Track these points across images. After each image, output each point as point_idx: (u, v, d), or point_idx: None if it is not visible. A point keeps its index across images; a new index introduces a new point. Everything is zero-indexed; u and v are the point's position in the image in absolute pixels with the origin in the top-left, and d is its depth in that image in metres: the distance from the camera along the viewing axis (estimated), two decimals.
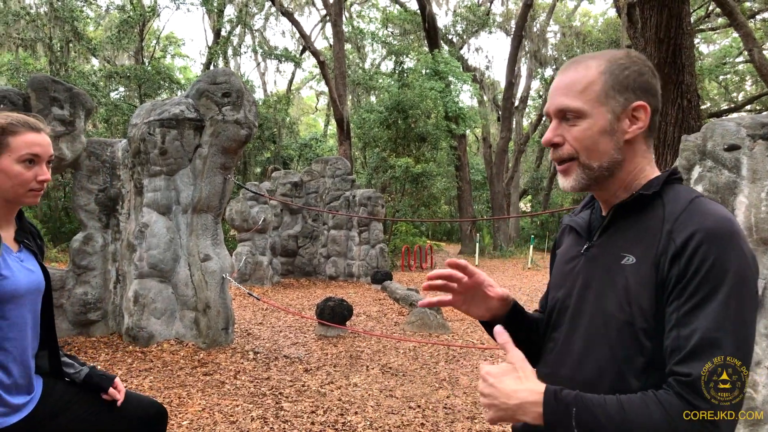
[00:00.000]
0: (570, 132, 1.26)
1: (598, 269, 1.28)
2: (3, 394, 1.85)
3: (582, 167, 1.26)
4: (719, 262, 1.10)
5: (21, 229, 2.00)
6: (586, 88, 1.25)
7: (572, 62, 1.31)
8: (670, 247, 1.15)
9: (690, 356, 1.09)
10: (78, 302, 6.87)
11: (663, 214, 1.21)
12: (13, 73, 18.35)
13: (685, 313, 1.11)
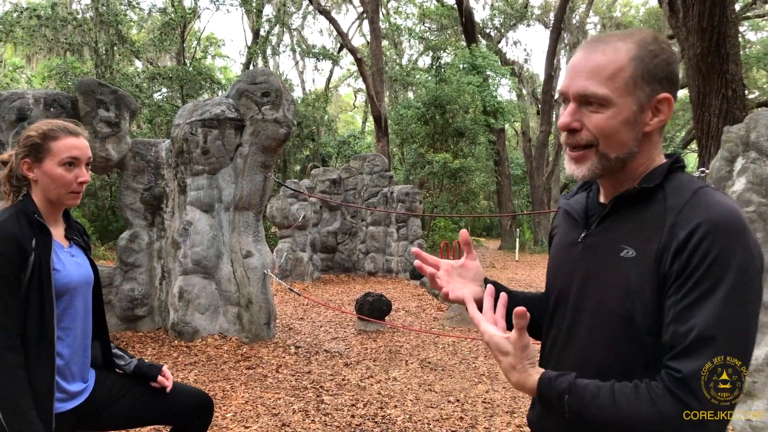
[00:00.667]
0: (591, 119, 1.19)
1: (597, 261, 1.25)
2: (60, 381, 1.96)
3: (599, 156, 1.20)
4: (722, 256, 1.06)
5: (69, 227, 2.13)
6: (614, 75, 1.17)
7: (598, 41, 1.22)
8: (672, 241, 1.11)
9: (684, 353, 1.07)
10: (125, 298, 7.09)
11: (665, 206, 1.17)
12: (61, 76, 18.93)
13: (684, 308, 1.08)
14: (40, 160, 1.96)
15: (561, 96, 1.25)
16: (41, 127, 1.99)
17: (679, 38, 8.56)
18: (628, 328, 1.18)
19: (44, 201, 2.00)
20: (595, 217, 1.30)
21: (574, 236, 1.34)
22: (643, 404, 1.08)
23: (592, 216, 1.31)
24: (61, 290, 1.95)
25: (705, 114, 7.70)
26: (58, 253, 1.98)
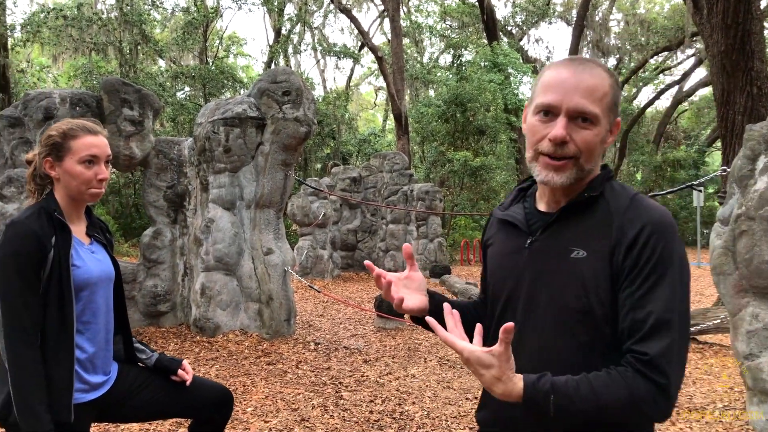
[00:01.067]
0: (580, 134, 1.31)
1: (547, 263, 1.35)
2: (81, 372, 2.03)
3: (577, 167, 1.33)
4: (666, 250, 1.24)
5: (91, 225, 2.19)
6: (602, 97, 1.31)
7: (581, 63, 1.34)
8: (623, 239, 1.26)
9: (647, 337, 1.20)
10: (148, 294, 7.21)
11: (609, 210, 1.32)
12: (86, 76, 19.23)
13: (639, 297, 1.23)
14: (61, 158, 2.03)
15: (544, 108, 1.33)
16: (61, 127, 2.06)
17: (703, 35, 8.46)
18: (586, 320, 1.29)
19: (66, 198, 2.07)
20: (538, 225, 1.41)
21: (518, 243, 1.44)
22: (620, 389, 1.18)
23: (534, 224, 1.42)
24: (80, 286, 2.01)
25: (729, 112, 7.61)
26: (78, 250, 2.04)
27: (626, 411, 1.20)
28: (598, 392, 1.19)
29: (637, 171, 31.26)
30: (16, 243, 1.90)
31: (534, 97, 1.38)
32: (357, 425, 4.29)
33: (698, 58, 26.76)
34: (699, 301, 10.30)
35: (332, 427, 4.26)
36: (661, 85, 31.29)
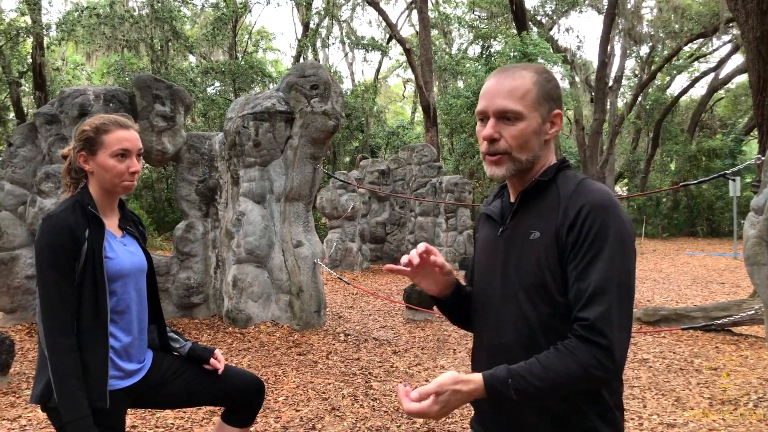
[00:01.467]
0: (508, 130, 1.49)
1: (512, 247, 1.53)
2: (116, 360, 2.10)
3: (512, 160, 1.50)
4: (603, 226, 1.38)
5: (124, 218, 2.25)
6: (524, 95, 1.48)
7: (505, 71, 1.52)
8: (566, 220, 1.42)
9: (587, 304, 1.36)
10: (182, 286, 7.35)
11: (558, 194, 1.48)
12: (119, 72, 19.58)
13: (581, 269, 1.39)
14: (94, 152, 2.10)
15: (479, 115, 1.54)
16: (94, 122, 2.13)
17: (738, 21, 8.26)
18: (544, 293, 1.46)
19: (100, 191, 2.13)
20: (508, 214, 1.59)
21: (494, 233, 1.62)
22: (567, 361, 1.34)
23: (506, 214, 1.61)
24: (113, 277, 2.08)
25: (765, 99, 7.44)
26: (110, 243, 2.11)
27: (577, 379, 1.34)
28: (548, 368, 1.33)
29: (671, 161, 30.67)
30: (51, 235, 1.97)
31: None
32: (386, 414, 4.33)
33: (735, 44, 26.10)
34: (735, 293, 10.13)
35: (362, 416, 4.31)
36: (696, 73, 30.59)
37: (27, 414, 4.32)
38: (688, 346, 6.36)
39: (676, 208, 27.03)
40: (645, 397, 4.72)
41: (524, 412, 1.47)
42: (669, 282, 11.76)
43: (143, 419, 4.22)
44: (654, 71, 27.36)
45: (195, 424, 4.15)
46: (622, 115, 28.64)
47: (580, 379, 1.33)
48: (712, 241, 23.07)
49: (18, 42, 19.23)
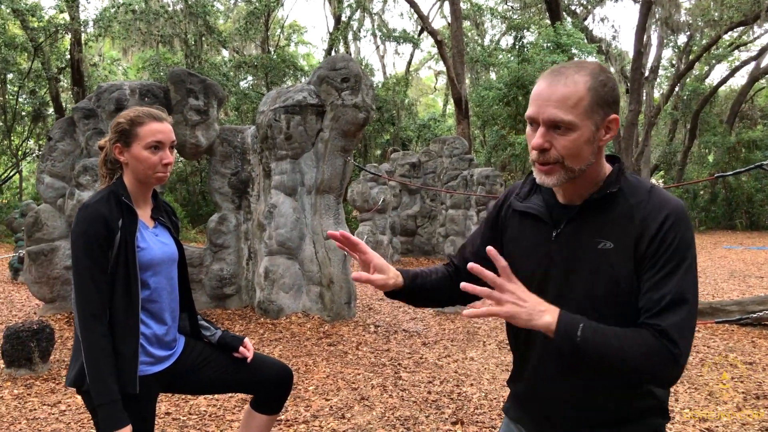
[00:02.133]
0: (559, 141, 1.41)
1: (575, 254, 1.46)
2: (147, 346, 2.16)
3: (565, 170, 1.43)
4: (684, 239, 1.37)
5: (156, 208, 2.31)
6: (576, 104, 1.39)
7: (557, 74, 1.43)
8: (646, 231, 1.38)
9: (661, 312, 1.33)
10: (215, 278, 7.48)
11: (629, 204, 1.43)
12: (154, 67, 19.91)
13: (659, 279, 1.35)
14: (128, 144, 2.16)
15: (529, 119, 1.46)
16: (129, 114, 2.19)
17: None
18: (613, 304, 1.42)
19: (134, 182, 2.20)
20: (561, 217, 1.52)
21: (544, 235, 1.55)
22: (639, 342, 1.32)
23: (557, 216, 1.53)
24: (145, 267, 2.14)
25: None
26: (142, 233, 2.17)
27: (641, 362, 1.31)
28: (621, 338, 1.32)
29: (709, 153, 30.02)
30: (86, 225, 2.04)
31: None
32: (415, 405, 4.36)
33: None
34: None
35: (391, 406, 4.35)
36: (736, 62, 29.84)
37: (66, 399, 4.46)
38: (723, 340, 6.25)
39: (714, 200, 26.45)
40: (677, 391, 4.66)
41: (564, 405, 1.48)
42: (706, 276, 11.54)
43: (177, 406, 4.32)
44: (692, 61, 26.76)
45: (227, 411, 4.24)
46: (659, 106, 28.10)
47: (642, 364, 1.32)
48: (751, 235, 22.54)
49: (57, 39, 19.69)
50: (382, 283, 1.65)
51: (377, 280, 1.64)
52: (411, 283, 1.72)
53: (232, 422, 4.04)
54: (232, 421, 4.07)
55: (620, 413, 1.46)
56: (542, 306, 1.37)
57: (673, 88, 27.85)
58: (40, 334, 5.07)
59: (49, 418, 4.12)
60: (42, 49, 18.72)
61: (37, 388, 4.71)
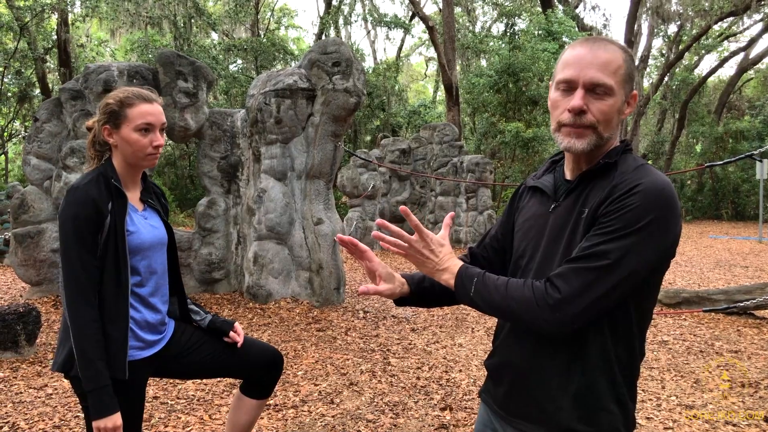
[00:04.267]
0: (596, 104, 1.41)
1: (561, 226, 1.48)
2: (137, 331, 2.14)
3: (596, 135, 1.43)
4: (645, 210, 1.30)
5: (145, 190, 2.27)
6: (617, 70, 1.42)
7: (596, 41, 1.45)
8: (611, 195, 1.36)
9: (568, 261, 1.36)
10: (203, 262, 7.44)
11: (614, 174, 1.43)
12: (142, 49, 19.68)
13: (593, 235, 1.35)
14: (118, 126, 2.10)
15: (564, 84, 1.45)
16: (118, 95, 2.13)
17: None
18: None
19: (123, 164, 2.15)
20: (563, 191, 1.55)
21: (545, 208, 1.58)
22: (525, 291, 1.38)
23: (560, 190, 1.56)
24: (134, 250, 2.10)
25: None
26: (132, 216, 2.13)
27: (519, 307, 1.37)
28: (509, 287, 1.40)
29: (696, 143, 30.18)
30: (75, 207, 1.99)
31: (555, 75, 1.50)
32: (404, 390, 4.37)
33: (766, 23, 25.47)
34: (759, 277, 10.00)
35: (380, 391, 4.35)
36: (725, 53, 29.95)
37: (53, 383, 4.43)
38: (709, 328, 6.31)
39: (700, 190, 26.64)
40: (664, 379, 4.70)
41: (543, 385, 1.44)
42: (692, 265, 11.64)
43: (165, 390, 4.31)
44: (682, 51, 26.80)
45: (216, 396, 4.23)
46: (648, 95, 28.17)
47: (519, 308, 1.37)
48: (736, 225, 22.74)
49: (43, 18, 19.39)
50: (389, 293, 1.66)
51: (384, 290, 1.65)
52: (417, 287, 1.72)
53: (220, 406, 4.04)
54: (221, 405, 4.06)
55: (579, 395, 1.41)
56: (445, 264, 1.48)
57: (662, 77, 27.91)
58: (27, 317, 5.03)
59: (36, 401, 4.09)
60: (28, 28, 18.43)
61: (23, 371, 4.68)
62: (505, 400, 1.55)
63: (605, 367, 1.40)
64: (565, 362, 1.41)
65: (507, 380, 1.54)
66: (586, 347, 1.40)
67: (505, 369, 1.55)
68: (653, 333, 6.14)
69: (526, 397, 1.48)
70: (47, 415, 3.86)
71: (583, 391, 1.40)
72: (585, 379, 1.40)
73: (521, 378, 1.49)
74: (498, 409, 1.57)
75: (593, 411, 1.40)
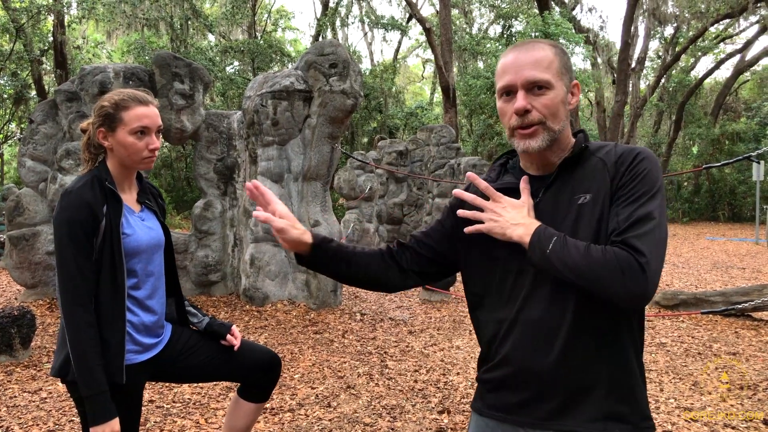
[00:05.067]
0: (539, 101, 1.48)
1: (556, 215, 1.49)
2: (134, 334, 2.11)
3: (547, 130, 1.49)
4: (653, 172, 1.42)
5: (142, 191, 2.24)
6: (550, 65, 1.49)
7: (522, 46, 1.53)
8: (621, 167, 1.45)
9: (629, 228, 1.36)
10: (200, 264, 7.41)
11: (600, 158, 1.50)
12: (139, 51, 19.65)
13: (628, 203, 1.39)
14: (113, 129, 2.07)
15: (504, 90, 1.52)
16: (113, 97, 2.09)
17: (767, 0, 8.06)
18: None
19: (118, 167, 2.12)
20: (537, 187, 1.55)
21: None
22: (609, 256, 1.34)
23: (533, 186, 1.56)
24: (130, 253, 2.07)
25: None
26: (128, 218, 2.10)
27: (606, 271, 1.32)
28: (590, 248, 1.36)
29: (693, 144, 30.22)
30: (70, 211, 1.97)
31: (496, 86, 1.55)
32: (402, 393, 4.35)
33: (762, 25, 25.51)
34: (756, 279, 10.00)
35: (377, 394, 4.33)
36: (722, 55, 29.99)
37: (47, 387, 4.39)
38: (707, 330, 6.30)
39: (697, 192, 26.68)
40: (662, 381, 4.69)
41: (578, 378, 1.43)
42: (689, 267, 11.63)
43: (160, 394, 4.28)
44: (678, 52, 26.84)
45: (212, 399, 4.20)
46: (645, 97, 28.22)
47: (607, 273, 1.32)
48: (733, 226, 22.76)
49: (39, 20, 19.31)
50: (282, 226, 1.62)
51: (277, 222, 1.62)
52: (322, 243, 1.69)
53: (216, 410, 4.01)
54: (217, 409, 4.03)
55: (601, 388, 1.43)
56: (519, 220, 1.45)
57: (659, 79, 27.96)
58: (21, 320, 4.99)
59: (30, 405, 4.06)
60: (24, 30, 18.36)
61: (17, 375, 4.64)
62: (528, 407, 1.49)
63: (634, 348, 1.47)
64: (599, 349, 1.43)
65: (534, 386, 1.47)
66: (618, 330, 1.44)
67: (528, 375, 1.48)
68: (651, 335, 6.13)
69: (563, 397, 1.44)
70: (41, 419, 3.83)
71: (619, 374, 1.44)
72: (620, 361, 1.44)
73: (554, 379, 1.45)
74: (517, 417, 1.51)
75: (629, 391, 1.44)
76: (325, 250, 1.69)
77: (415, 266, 1.72)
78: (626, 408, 1.42)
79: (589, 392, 1.42)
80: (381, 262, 1.72)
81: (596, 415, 1.41)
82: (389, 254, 1.74)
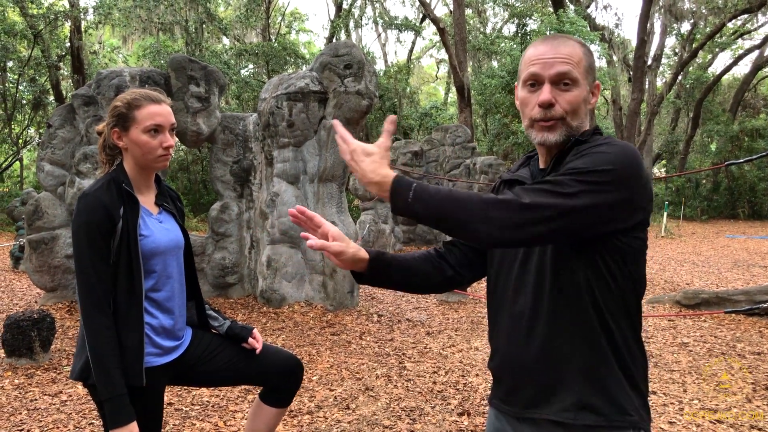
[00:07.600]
0: (563, 96, 1.48)
1: None
2: (154, 337, 2.09)
3: (566, 126, 1.49)
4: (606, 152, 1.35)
5: (160, 194, 2.23)
6: (579, 62, 1.50)
7: (555, 39, 1.52)
8: (577, 152, 1.42)
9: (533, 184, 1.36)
10: (217, 266, 7.42)
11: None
12: (154, 55, 19.76)
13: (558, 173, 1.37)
14: (127, 128, 2.07)
15: (530, 79, 1.51)
16: (126, 97, 2.10)
17: None
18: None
19: (135, 167, 2.11)
20: (538, 179, 1.53)
21: None
22: (482, 194, 1.35)
23: (536, 179, 1.58)
24: (148, 255, 2.06)
25: None
26: (145, 220, 2.09)
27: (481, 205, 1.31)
28: (455, 190, 1.35)
29: (711, 142, 29.87)
30: (86, 214, 1.96)
31: (521, 74, 1.56)
32: (420, 395, 4.31)
33: None
34: None
35: (396, 396, 4.30)
36: (740, 51, 29.63)
37: (67, 390, 4.41)
38: (730, 330, 6.20)
39: (716, 189, 26.35)
40: (685, 382, 4.61)
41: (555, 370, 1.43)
42: (709, 265, 11.48)
43: (179, 396, 4.28)
44: (695, 49, 26.54)
45: (230, 402, 4.19)
46: (661, 94, 27.91)
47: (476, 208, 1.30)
48: (753, 224, 22.47)
49: (57, 26, 19.52)
50: (339, 250, 1.58)
51: (334, 247, 1.58)
52: (378, 257, 1.67)
53: (235, 413, 4.00)
54: (236, 411, 4.02)
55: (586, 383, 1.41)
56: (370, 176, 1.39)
57: (676, 76, 27.66)
58: (41, 324, 5.02)
59: (50, 408, 4.07)
60: (42, 36, 18.55)
61: (38, 378, 4.67)
62: (511, 396, 1.54)
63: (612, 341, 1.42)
64: (574, 342, 1.42)
65: (516, 376, 1.52)
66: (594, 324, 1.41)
67: (510, 366, 1.53)
68: (672, 335, 6.04)
69: (538, 386, 1.47)
70: (62, 422, 3.84)
71: (593, 367, 1.41)
72: (595, 354, 1.41)
73: (531, 369, 1.48)
74: (506, 406, 1.56)
75: (602, 384, 1.41)
76: (382, 263, 1.68)
77: (465, 261, 1.75)
78: (598, 400, 1.40)
79: (563, 383, 1.43)
80: (433, 265, 1.75)
81: (569, 406, 1.42)
82: (438, 255, 1.76)
